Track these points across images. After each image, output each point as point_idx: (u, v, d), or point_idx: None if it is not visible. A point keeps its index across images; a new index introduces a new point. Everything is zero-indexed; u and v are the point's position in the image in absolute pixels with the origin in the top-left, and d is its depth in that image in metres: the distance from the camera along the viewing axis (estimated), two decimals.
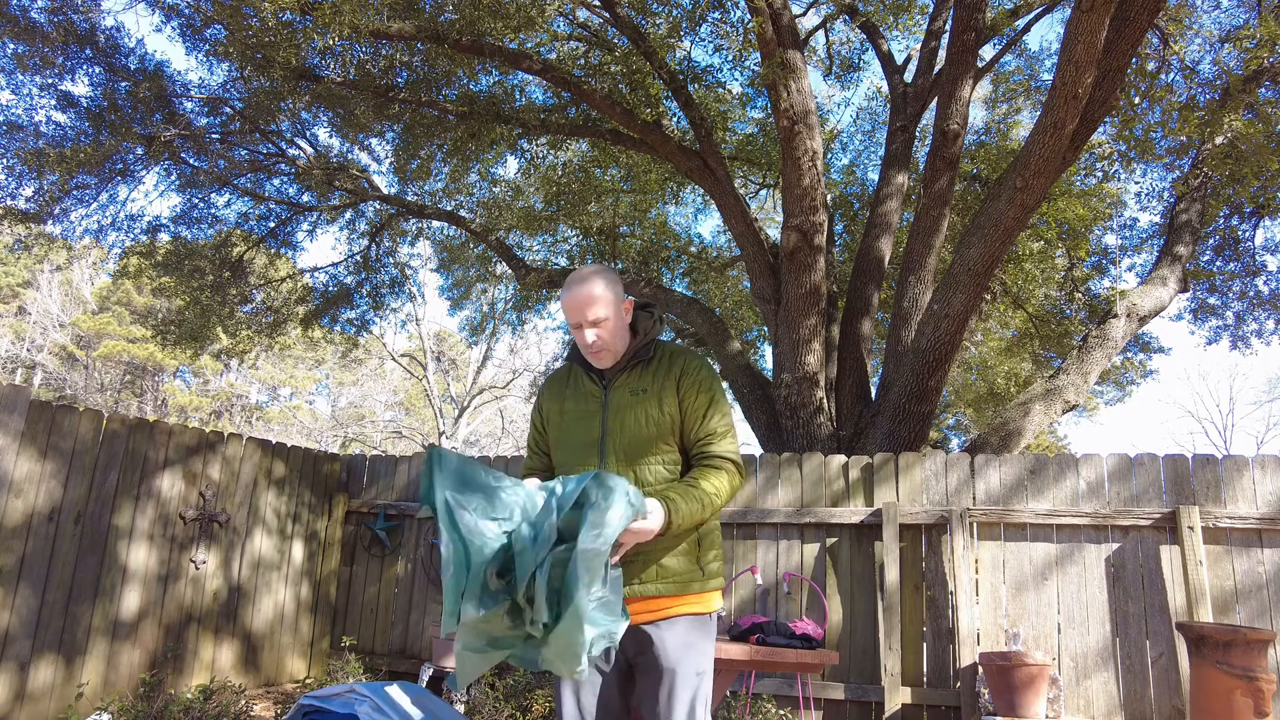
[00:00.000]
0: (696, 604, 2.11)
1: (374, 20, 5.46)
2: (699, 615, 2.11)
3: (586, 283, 2.13)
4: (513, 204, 10.04)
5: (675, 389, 2.15)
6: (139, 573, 4.92)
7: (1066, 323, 9.57)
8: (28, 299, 25.40)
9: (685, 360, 2.21)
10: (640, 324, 2.26)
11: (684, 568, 2.10)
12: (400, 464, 6.45)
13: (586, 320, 2.13)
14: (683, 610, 2.09)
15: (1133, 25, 4.86)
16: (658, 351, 2.24)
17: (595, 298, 2.11)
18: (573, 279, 2.17)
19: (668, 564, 2.09)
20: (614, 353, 2.19)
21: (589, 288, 2.12)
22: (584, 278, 2.14)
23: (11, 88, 7.20)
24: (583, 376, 2.28)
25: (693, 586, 2.10)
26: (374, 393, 29.55)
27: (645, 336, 2.23)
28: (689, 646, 2.07)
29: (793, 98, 6.02)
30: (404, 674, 5.82)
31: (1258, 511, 4.40)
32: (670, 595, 2.09)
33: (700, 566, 2.13)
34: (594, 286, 2.12)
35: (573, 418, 2.24)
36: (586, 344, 2.16)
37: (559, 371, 2.39)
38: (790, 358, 6.60)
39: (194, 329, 8.76)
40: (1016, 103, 10.29)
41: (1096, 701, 4.45)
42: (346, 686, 3.06)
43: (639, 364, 2.21)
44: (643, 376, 2.19)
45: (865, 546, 4.99)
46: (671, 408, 2.14)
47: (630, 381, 2.19)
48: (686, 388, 2.15)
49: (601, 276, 2.15)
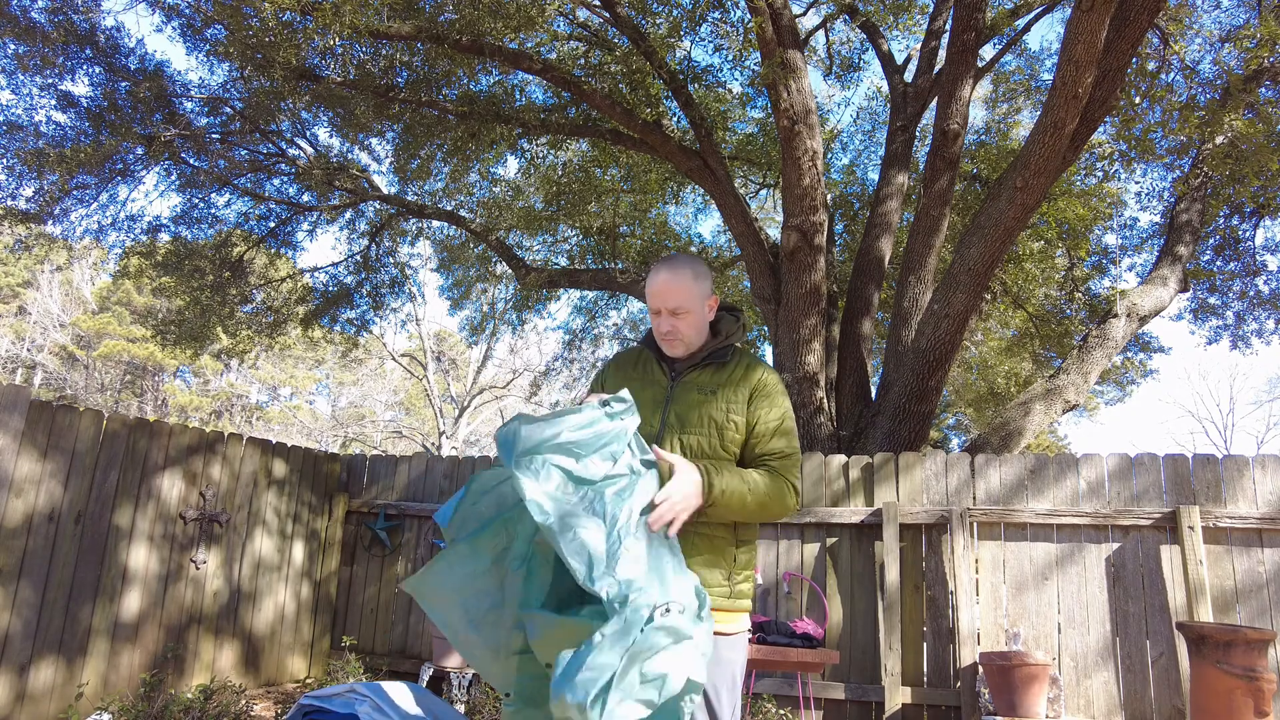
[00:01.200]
0: (718, 621, 1.99)
1: (374, 20, 5.46)
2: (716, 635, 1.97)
3: (676, 271, 2.10)
4: (513, 204, 10.04)
5: (748, 399, 2.08)
6: (139, 573, 4.92)
7: (1066, 322, 9.57)
8: (28, 299, 25.40)
9: (764, 374, 2.14)
10: (723, 325, 2.21)
11: (710, 581, 2.00)
12: (400, 464, 6.45)
13: (667, 308, 2.09)
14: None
15: (1133, 25, 4.86)
16: (736, 357, 2.17)
17: (680, 288, 2.08)
18: (663, 264, 2.13)
19: (698, 570, 1.98)
20: (687, 345, 2.15)
21: (677, 277, 2.08)
22: (675, 265, 2.11)
23: (12, 88, 7.21)
24: (653, 363, 2.22)
25: (716, 601, 1.99)
26: (374, 393, 29.55)
27: (726, 338, 2.18)
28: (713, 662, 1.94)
29: (793, 97, 6.02)
30: (404, 674, 5.82)
31: (1258, 511, 4.40)
32: None
33: (730, 584, 2.03)
34: (682, 277, 2.09)
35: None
36: (661, 331, 2.13)
37: (629, 352, 2.31)
38: (790, 358, 6.60)
39: (194, 329, 8.76)
40: (1016, 103, 10.29)
41: (1097, 701, 4.45)
42: (347, 686, 3.06)
43: (712, 364, 2.16)
44: (715, 376, 2.13)
45: (865, 546, 4.99)
46: (738, 415, 2.07)
47: (701, 379, 2.13)
48: (759, 401, 2.09)
49: (692, 268, 2.12)
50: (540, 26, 6.37)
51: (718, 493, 1.91)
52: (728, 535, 2.05)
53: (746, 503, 1.96)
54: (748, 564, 2.09)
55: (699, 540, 2.00)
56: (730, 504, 1.94)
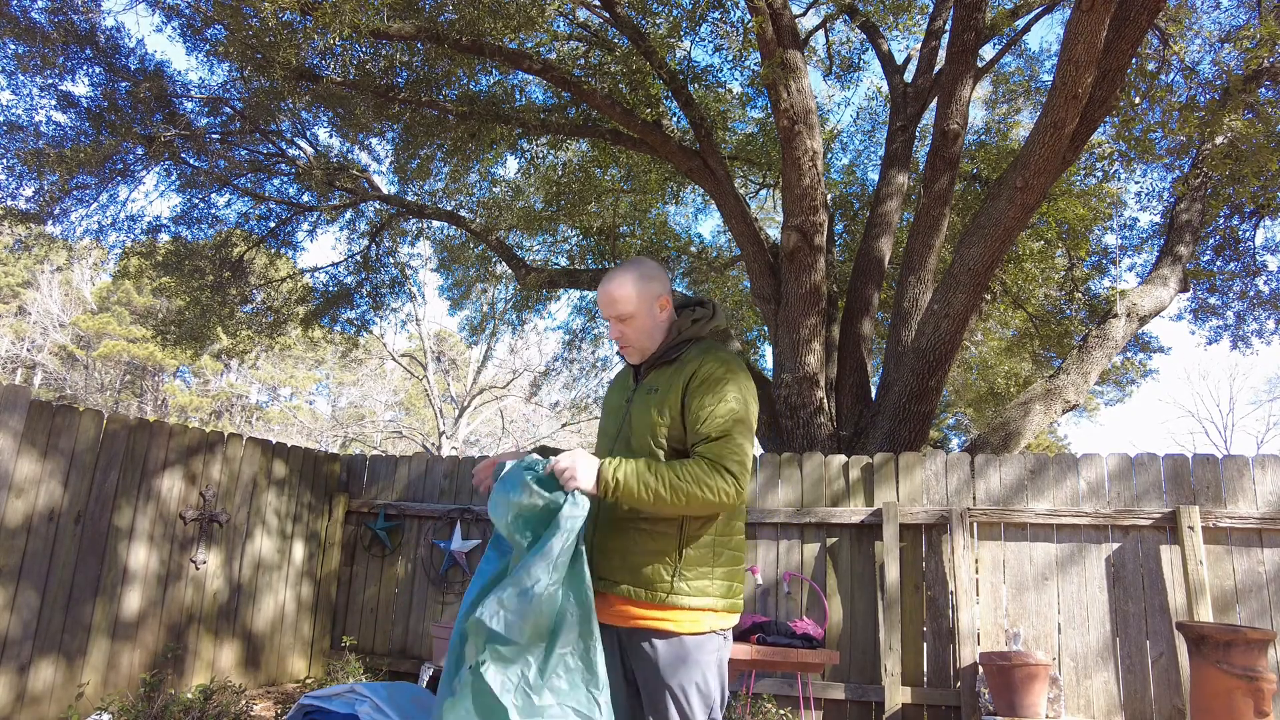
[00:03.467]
0: (668, 620, 1.97)
1: (374, 20, 5.45)
2: (672, 635, 1.97)
3: (615, 277, 2.11)
4: (513, 204, 10.04)
5: (682, 391, 2.02)
6: (139, 573, 4.92)
7: (1066, 323, 9.57)
8: (28, 299, 25.40)
9: (705, 364, 2.04)
10: (679, 323, 2.16)
11: (653, 576, 1.98)
12: (400, 464, 6.45)
13: (614, 315, 2.12)
14: (651, 624, 1.98)
15: (1133, 25, 4.86)
16: (691, 351, 2.12)
17: (621, 295, 2.09)
18: (607, 274, 2.16)
19: (635, 562, 2.00)
20: (641, 350, 2.16)
21: (617, 283, 2.10)
22: (614, 274, 2.13)
23: (12, 88, 7.21)
24: (629, 372, 2.26)
25: (659, 597, 1.97)
26: (374, 393, 29.55)
27: (678, 335, 2.15)
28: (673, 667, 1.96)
29: (793, 97, 6.02)
30: (404, 674, 5.82)
31: (1258, 511, 4.40)
32: (637, 602, 2.00)
33: (672, 579, 1.97)
34: (623, 282, 2.10)
35: (608, 411, 2.26)
36: (614, 339, 2.17)
37: (625, 366, 2.35)
38: (790, 358, 6.60)
39: (194, 329, 8.76)
40: (1016, 103, 10.29)
41: (1097, 701, 4.45)
42: (347, 686, 3.06)
43: (667, 363, 2.13)
44: (659, 376, 2.11)
45: (865, 546, 4.99)
46: (672, 410, 2.02)
47: (655, 380, 2.12)
48: (696, 391, 2.01)
49: (632, 274, 2.12)
50: (540, 26, 6.37)
51: (609, 480, 1.89)
52: (671, 531, 2.00)
53: (651, 491, 1.89)
54: (701, 561, 2.01)
55: (640, 536, 2.01)
56: (630, 492, 1.90)
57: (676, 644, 1.98)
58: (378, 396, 29.63)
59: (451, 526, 6.06)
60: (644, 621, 2.00)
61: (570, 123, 7.73)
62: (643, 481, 1.90)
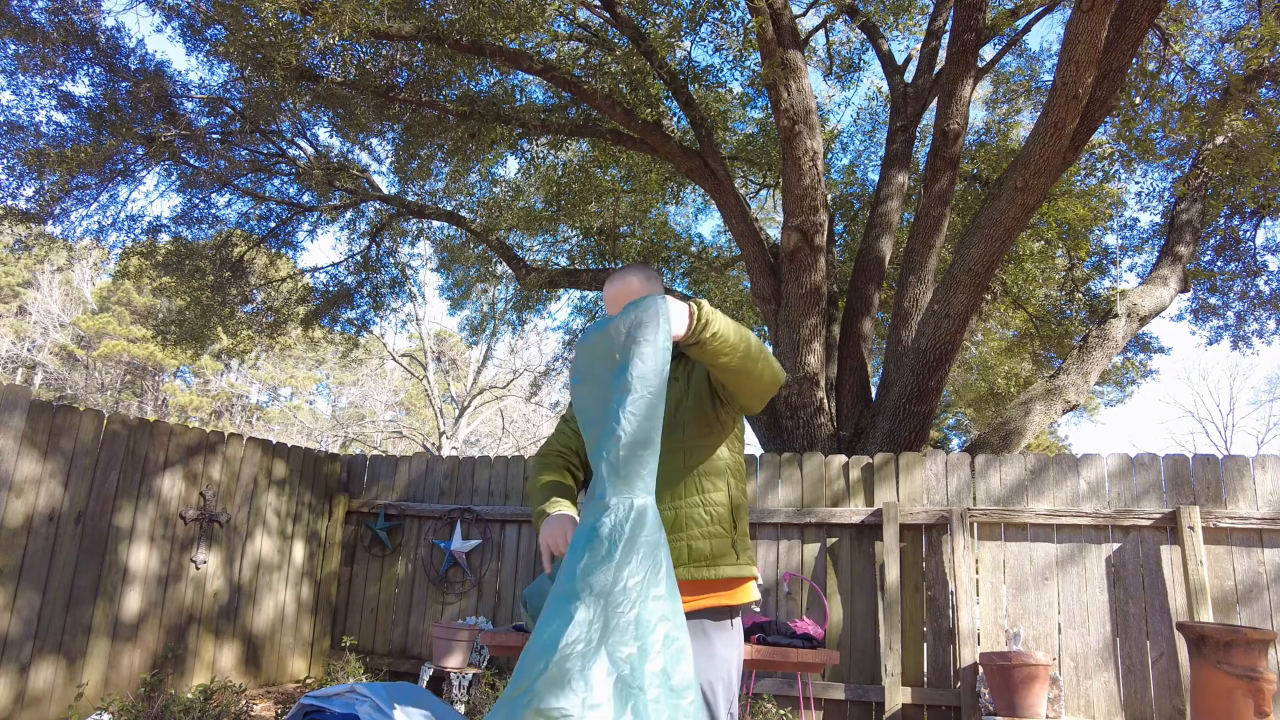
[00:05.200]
0: (723, 596, 2.04)
1: (374, 20, 5.45)
2: (722, 609, 2.03)
3: (622, 279, 2.18)
4: (513, 204, 10.04)
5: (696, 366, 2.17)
6: (140, 573, 4.92)
7: (1067, 323, 9.57)
8: (28, 299, 25.40)
9: None
10: None
11: (716, 550, 2.03)
12: (400, 464, 6.45)
13: None
14: (705, 604, 2.01)
15: (1133, 25, 4.86)
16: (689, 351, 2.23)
17: (632, 292, 2.14)
18: (613, 275, 2.22)
19: (698, 547, 2.03)
20: None
21: (624, 284, 2.16)
22: (621, 275, 2.20)
23: (12, 88, 7.21)
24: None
25: (723, 569, 2.02)
26: (374, 393, 29.55)
27: None
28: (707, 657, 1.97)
29: (793, 97, 6.02)
30: (404, 674, 5.82)
31: (1258, 511, 4.40)
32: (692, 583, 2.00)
33: (734, 541, 2.07)
34: (629, 284, 2.16)
35: None
36: None
37: None
38: (790, 358, 6.59)
39: (194, 329, 8.76)
40: (1016, 103, 10.28)
41: (1097, 701, 4.45)
42: (347, 686, 3.06)
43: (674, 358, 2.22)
44: (675, 367, 2.22)
45: (865, 546, 4.99)
46: (699, 376, 2.14)
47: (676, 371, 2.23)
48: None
49: (638, 274, 2.19)
50: (540, 26, 6.37)
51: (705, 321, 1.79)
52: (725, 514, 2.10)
53: (741, 336, 1.87)
54: (745, 514, 2.16)
55: (698, 513, 2.07)
56: (724, 335, 1.82)
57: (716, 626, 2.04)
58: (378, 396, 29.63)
59: (451, 526, 6.06)
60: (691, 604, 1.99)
61: (570, 123, 7.72)
62: (733, 325, 1.87)
